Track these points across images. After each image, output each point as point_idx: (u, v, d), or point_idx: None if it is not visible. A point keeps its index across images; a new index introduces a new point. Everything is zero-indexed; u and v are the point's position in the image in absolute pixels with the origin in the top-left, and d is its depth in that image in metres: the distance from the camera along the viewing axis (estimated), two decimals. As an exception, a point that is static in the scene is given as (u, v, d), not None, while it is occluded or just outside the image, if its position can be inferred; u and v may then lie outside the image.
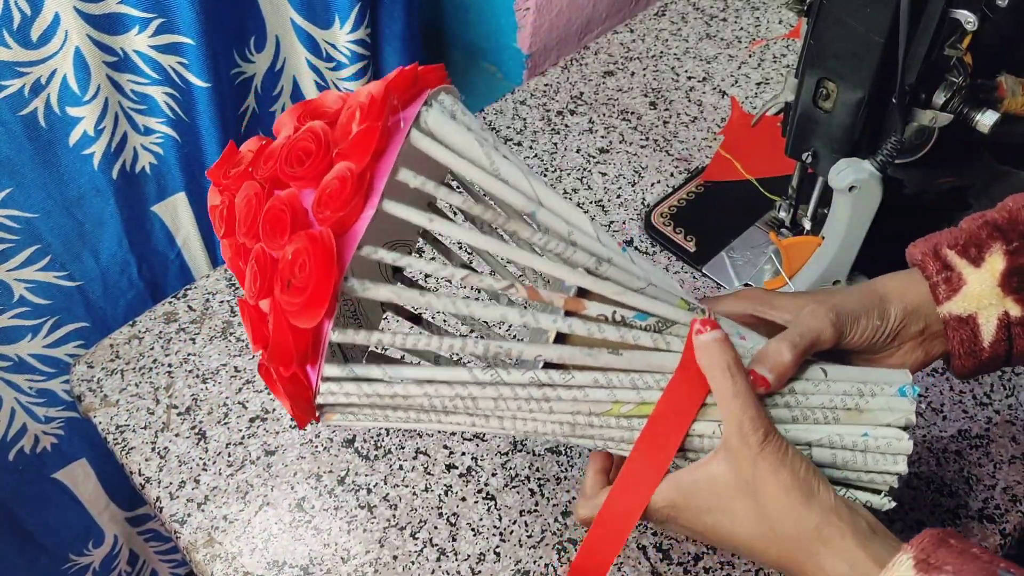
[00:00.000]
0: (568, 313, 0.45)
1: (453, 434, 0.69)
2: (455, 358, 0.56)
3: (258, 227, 0.42)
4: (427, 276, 0.51)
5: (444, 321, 0.70)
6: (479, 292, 0.50)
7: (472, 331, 0.50)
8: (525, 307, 0.51)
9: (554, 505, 0.65)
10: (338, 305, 0.41)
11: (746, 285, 0.77)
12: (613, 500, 0.47)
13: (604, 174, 0.87)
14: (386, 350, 0.64)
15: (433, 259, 0.52)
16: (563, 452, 0.67)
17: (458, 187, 0.55)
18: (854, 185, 0.63)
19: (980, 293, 0.48)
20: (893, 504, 0.46)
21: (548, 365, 0.46)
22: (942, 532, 0.42)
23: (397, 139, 0.41)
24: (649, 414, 0.46)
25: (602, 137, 0.90)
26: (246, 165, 0.45)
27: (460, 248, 0.75)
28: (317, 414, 0.46)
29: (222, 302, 0.77)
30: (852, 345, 0.49)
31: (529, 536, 0.63)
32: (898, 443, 0.46)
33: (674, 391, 0.45)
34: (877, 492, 0.47)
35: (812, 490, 0.43)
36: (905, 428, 0.46)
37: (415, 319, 0.58)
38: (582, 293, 0.48)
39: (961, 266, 0.49)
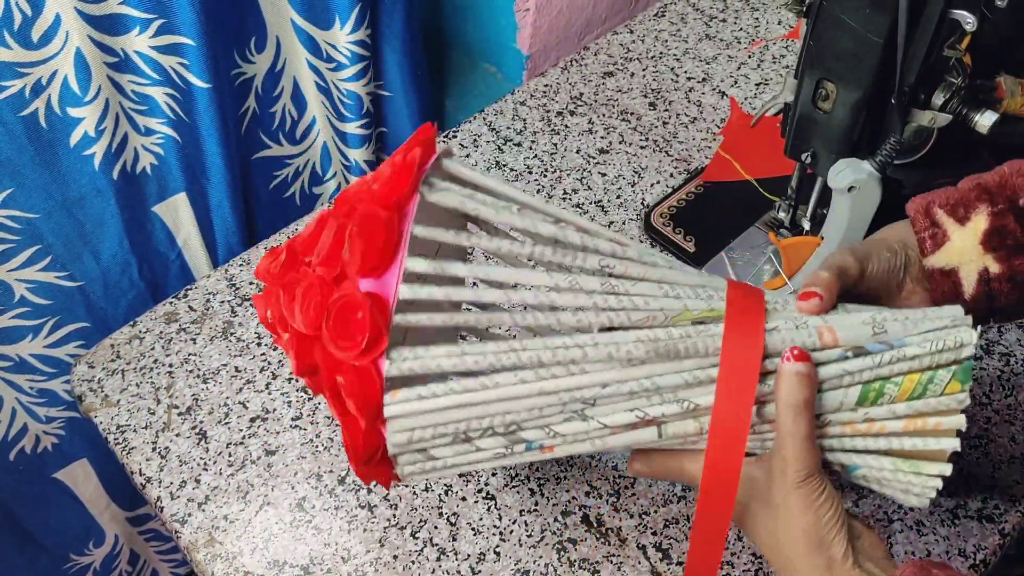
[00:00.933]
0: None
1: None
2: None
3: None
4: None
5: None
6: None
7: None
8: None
9: (554, 505, 0.65)
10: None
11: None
12: (709, 471, 0.47)
13: (604, 174, 0.87)
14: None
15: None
16: (563, 452, 0.68)
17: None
18: (853, 185, 0.63)
19: (962, 249, 0.51)
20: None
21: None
22: (926, 563, 0.44)
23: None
24: (720, 315, 0.46)
25: (602, 138, 0.90)
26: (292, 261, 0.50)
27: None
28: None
29: (223, 302, 0.77)
30: (873, 280, 0.52)
31: (529, 536, 0.63)
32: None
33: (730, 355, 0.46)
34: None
35: (826, 540, 0.46)
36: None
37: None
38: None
39: (947, 224, 0.52)
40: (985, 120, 0.66)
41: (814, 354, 0.46)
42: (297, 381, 0.72)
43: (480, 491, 0.66)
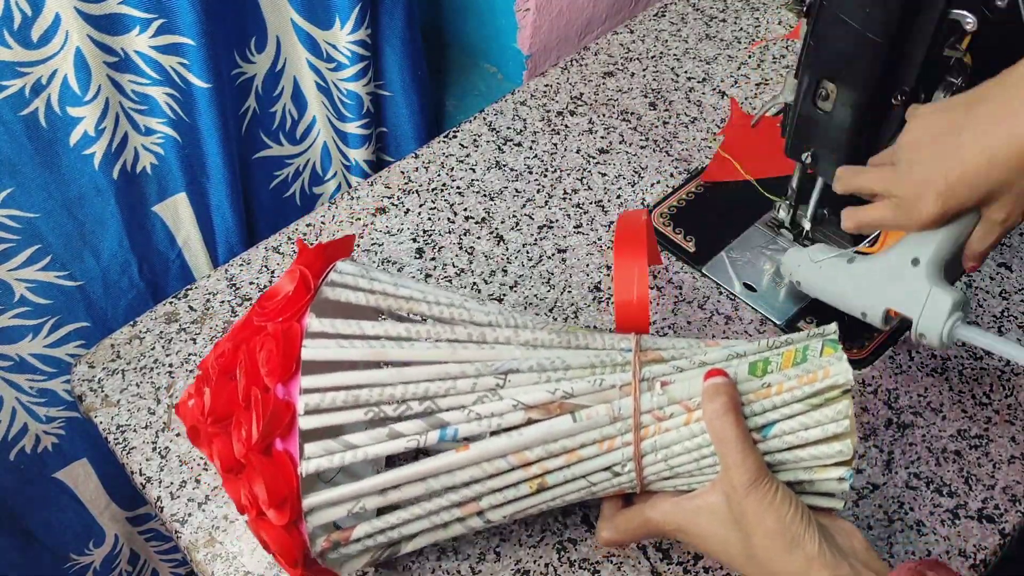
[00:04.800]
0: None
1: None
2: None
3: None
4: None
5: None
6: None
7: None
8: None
9: (554, 505, 0.65)
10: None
11: (746, 285, 0.77)
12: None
13: (604, 174, 0.87)
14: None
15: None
16: (563, 452, 0.68)
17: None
18: None
19: None
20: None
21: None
22: (920, 564, 0.44)
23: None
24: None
25: (602, 138, 0.90)
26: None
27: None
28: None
29: (223, 302, 0.77)
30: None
31: (529, 536, 0.63)
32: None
33: None
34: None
35: (797, 538, 0.45)
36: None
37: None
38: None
39: None
40: (985, 120, 0.66)
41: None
42: (297, 381, 0.72)
43: (480, 491, 0.66)
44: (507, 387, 0.49)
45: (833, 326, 0.51)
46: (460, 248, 0.81)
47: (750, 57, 0.99)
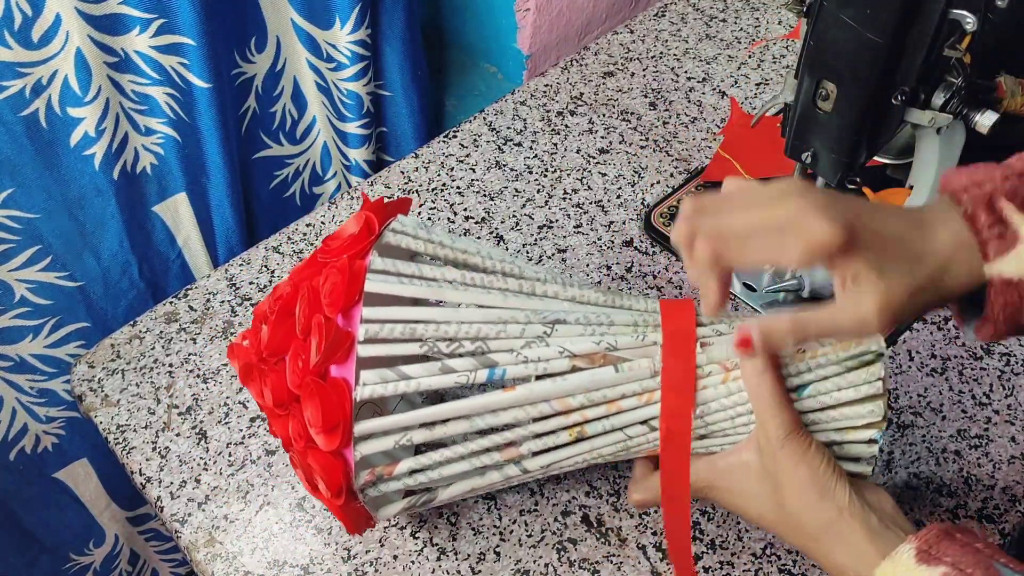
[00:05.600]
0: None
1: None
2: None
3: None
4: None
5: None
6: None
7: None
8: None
9: (554, 505, 0.65)
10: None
11: (745, 285, 0.77)
12: (666, 483, 0.51)
13: (604, 174, 0.87)
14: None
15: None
16: (563, 452, 0.68)
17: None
18: (940, 126, 0.64)
19: None
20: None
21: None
22: (949, 527, 0.44)
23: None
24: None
25: (602, 137, 0.90)
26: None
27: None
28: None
29: (223, 302, 0.77)
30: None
31: (529, 536, 0.63)
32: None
33: (670, 376, 0.50)
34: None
35: (828, 488, 0.46)
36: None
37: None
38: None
39: (1019, 222, 0.42)
40: (985, 120, 0.66)
41: None
42: (297, 381, 0.72)
43: (480, 491, 0.66)
44: (554, 336, 0.51)
45: None
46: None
47: (750, 57, 0.99)
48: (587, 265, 0.79)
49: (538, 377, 0.51)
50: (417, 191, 0.85)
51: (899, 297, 0.43)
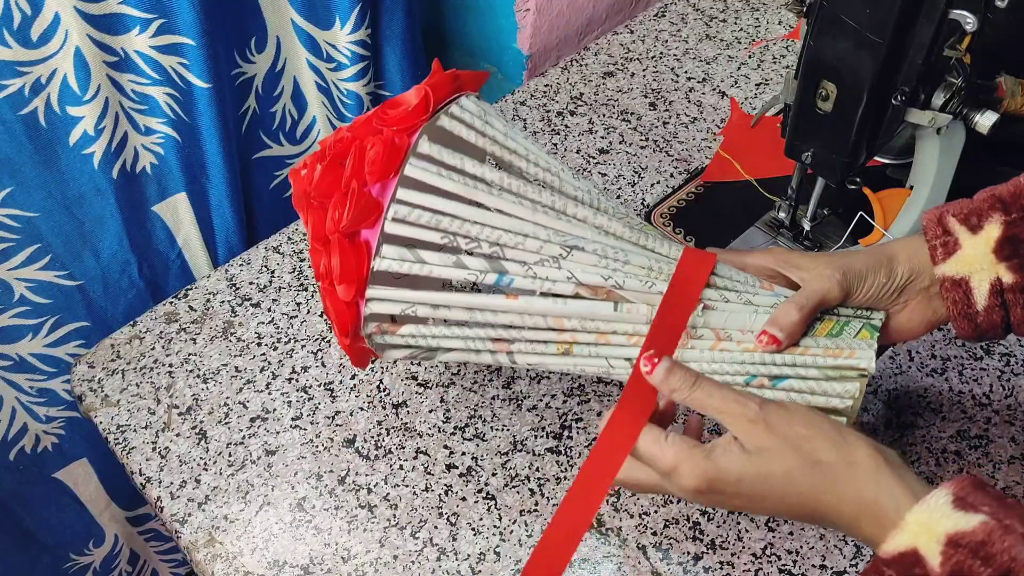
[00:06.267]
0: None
1: (453, 433, 0.69)
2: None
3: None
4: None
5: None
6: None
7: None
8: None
9: (554, 505, 0.65)
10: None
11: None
12: (611, 424, 0.50)
13: (604, 174, 0.87)
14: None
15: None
16: (563, 452, 0.68)
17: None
18: (940, 126, 0.64)
19: (973, 257, 0.51)
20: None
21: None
22: (982, 479, 0.44)
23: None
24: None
25: (602, 138, 0.90)
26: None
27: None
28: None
29: (223, 302, 0.77)
30: (859, 302, 0.53)
31: (529, 536, 0.63)
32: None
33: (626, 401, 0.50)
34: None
35: (835, 427, 0.45)
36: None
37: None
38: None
39: (959, 232, 0.51)
40: (985, 120, 0.66)
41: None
42: (297, 381, 0.72)
43: (480, 491, 0.66)
44: (568, 260, 0.52)
45: (881, 314, 0.53)
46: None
47: (750, 57, 0.99)
48: (587, 265, 0.79)
49: (541, 294, 0.53)
50: (417, 191, 0.85)
51: (851, 262, 0.52)
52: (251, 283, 0.79)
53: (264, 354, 0.74)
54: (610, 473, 0.49)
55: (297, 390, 0.71)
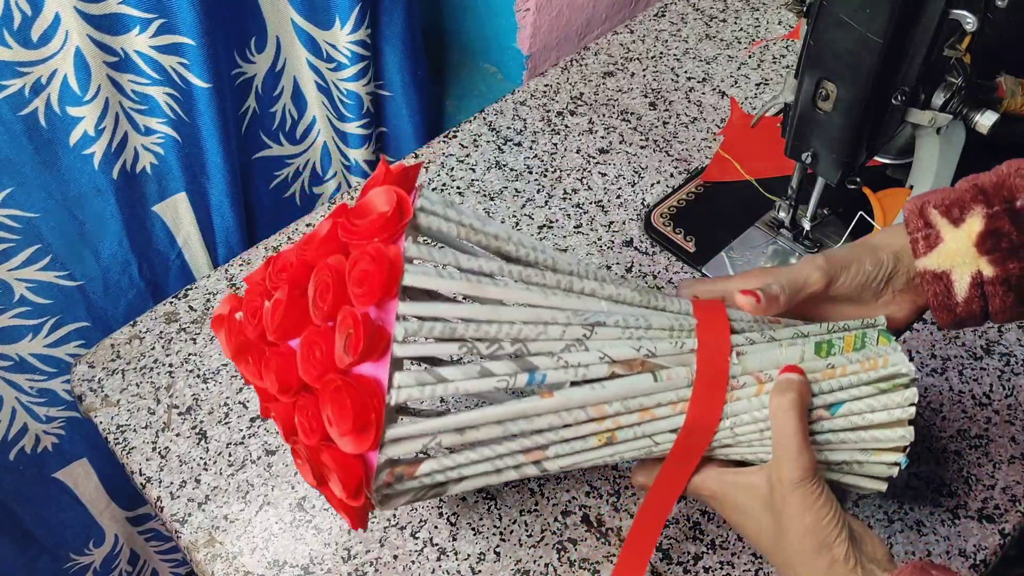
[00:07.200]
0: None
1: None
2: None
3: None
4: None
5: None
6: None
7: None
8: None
9: (554, 505, 0.65)
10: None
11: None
12: (658, 482, 0.52)
13: (604, 174, 0.87)
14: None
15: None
16: (563, 452, 0.68)
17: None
18: (940, 126, 0.64)
19: (955, 251, 0.50)
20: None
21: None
22: (927, 563, 0.45)
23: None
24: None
25: (602, 138, 0.90)
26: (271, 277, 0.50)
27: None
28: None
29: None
30: (843, 290, 0.53)
31: (529, 536, 0.63)
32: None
33: (698, 401, 0.50)
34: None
35: (828, 541, 0.47)
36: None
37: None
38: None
39: (941, 225, 0.51)
40: (985, 120, 0.66)
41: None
42: (297, 381, 0.72)
43: (480, 491, 0.66)
44: (593, 339, 0.49)
45: (881, 318, 0.53)
46: (460, 248, 0.81)
47: (750, 57, 0.99)
48: (587, 265, 0.79)
49: (574, 383, 0.49)
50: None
51: (834, 251, 0.53)
52: (251, 283, 0.79)
53: (264, 354, 0.74)
54: (663, 515, 0.52)
55: (297, 390, 0.71)
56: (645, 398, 0.49)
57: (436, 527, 0.64)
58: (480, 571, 0.62)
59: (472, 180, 0.86)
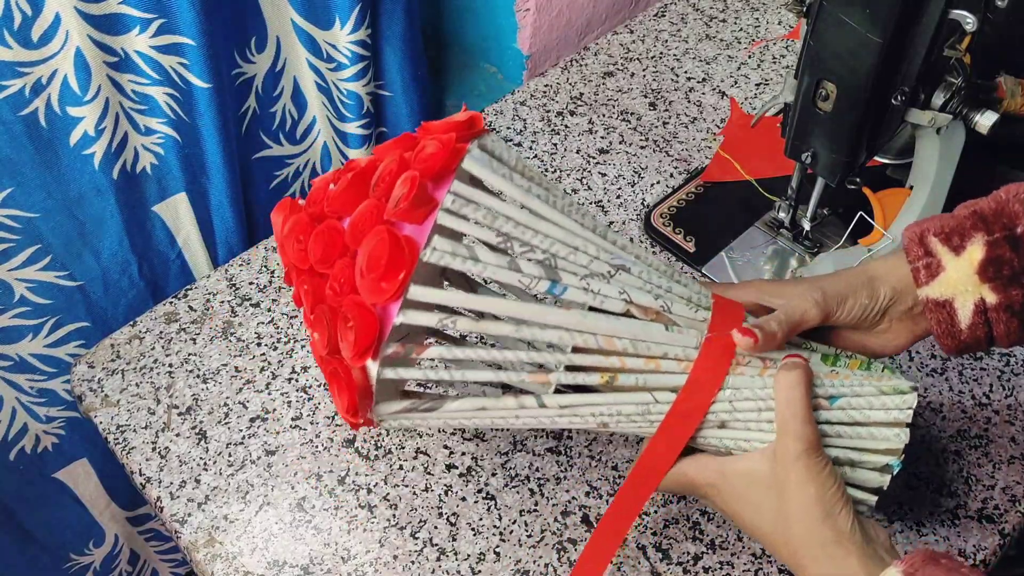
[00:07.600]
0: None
1: (453, 433, 0.69)
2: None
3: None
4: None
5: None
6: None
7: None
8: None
9: (554, 505, 0.65)
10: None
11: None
12: (649, 449, 0.52)
13: (604, 175, 0.87)
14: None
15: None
16: (563, 452, 0.68)
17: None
18: (940, 126, 0.64)
19: (957, 280, 0.50)
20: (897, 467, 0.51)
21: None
22: (935, 552, 0.45)
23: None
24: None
25: (602, 138, 0.90)
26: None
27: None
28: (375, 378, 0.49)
29: (223, 302, 0.77)
30: (841, 322, 0.53)
31: (529, 536, 0.63)
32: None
33: (693, 384, 0.51)
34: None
35: (833, 511, 0.47)
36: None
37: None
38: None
39: (941, 253, 0.51)
40: (985, 120, 0.66)
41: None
42: (297, 381, 0.72)
43: (480, 491, 0.66)
44: (616, 279, 0.51)
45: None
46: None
47: (750, 57, 0.99)
48: (587, 265, 0.79)
49: (592, 308, 0.51)
50: (417, 191, 0.85)
51: (831, 283, 0.53)
52: (251, 283, 0.79)
53: (264, 354, 0.74)
54: (647, 491, 0.52)
55: (297, 390, 0.71)
56: (654, 345, 0.50)
57: (436, 527, 0.64)
58: (480, 571, 0.62)
59: (472, 180, 0.86)
